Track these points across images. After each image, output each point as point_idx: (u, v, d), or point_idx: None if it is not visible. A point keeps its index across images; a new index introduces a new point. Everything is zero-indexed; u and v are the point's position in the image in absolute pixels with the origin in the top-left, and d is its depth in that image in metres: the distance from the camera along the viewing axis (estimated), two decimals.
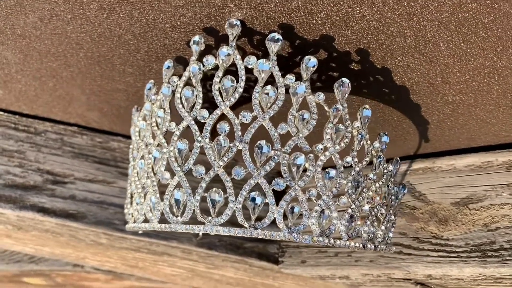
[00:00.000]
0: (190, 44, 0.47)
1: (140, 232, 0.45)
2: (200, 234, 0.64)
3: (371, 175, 0.44)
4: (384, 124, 0.59)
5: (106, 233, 0.65)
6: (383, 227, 0.45)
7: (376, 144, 0.45)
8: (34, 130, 0.69)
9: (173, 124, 0.45)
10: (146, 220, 0.45)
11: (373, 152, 0.45)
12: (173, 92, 0.46)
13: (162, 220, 0.43)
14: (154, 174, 0.45)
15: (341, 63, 0.49)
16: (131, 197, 0.49)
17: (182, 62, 0.52)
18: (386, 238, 0.45)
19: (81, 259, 0.78)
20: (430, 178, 0.60)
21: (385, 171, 0.46)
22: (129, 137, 0.71)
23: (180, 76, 0.46)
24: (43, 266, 0.90)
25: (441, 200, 0.58)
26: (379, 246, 0.44)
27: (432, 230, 0.56)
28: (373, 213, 0.44)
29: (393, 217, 0.47)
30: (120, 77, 0.59)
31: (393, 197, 0.47)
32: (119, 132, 0.71)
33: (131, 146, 0.53)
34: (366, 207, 0.43)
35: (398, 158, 0.48)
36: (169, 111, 0.46)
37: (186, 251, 0.66)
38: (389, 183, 0.46)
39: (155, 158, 0.45)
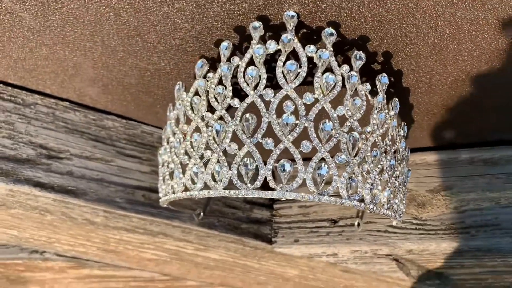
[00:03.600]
0: (250, 29, 0.50)
1: (196, 197, 0.47)
2: (201, 214, 0.67)
3: (398, 156, 0.53)
4: None
5: (107, 210, 0.63)
6: (404, 202, 0.53)
7: (401, 132, 0.54)
8: (22, 102, 0.65)
9: (236, 100, 0.48)
10: (206, 187, 0.47)
11: (398, 138, 0.54)
12: (235, 71, 0.49)
13: (226, 187, 0.46)
14: (218, 144, 0.47)
15: (366, 63, 0.57)
16: (181, 167, 0.50)
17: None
18: (402, 213, 0.54)
19: (50, 243, 0.74)
20: None
21: (404, 155, 0.55)
22: (124, 117, 0.71)
23: (241, 57, 0.50)
24: None
25: (418, 188, 0.68)
26: (400, 218, 0.52)
27: (412, 213, 0.67)
28: (399, 189, 0.52)
29: (406, 194, 0.55)
30: (146, 55, 0.59)
31: (407, 178, 0.56)
32: (114, 111, 0.70)
33: (170, 121, 0.54)
34: (396, 183, 0.51)
35: (408, 146, 0.57)
36: (230, 88, 0.49)
37: (186, 230, 0.67)
38: (405, 164, 0.55)
39: (217, 130, 0.47)
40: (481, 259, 0.67)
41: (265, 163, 0.46)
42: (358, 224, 0.65)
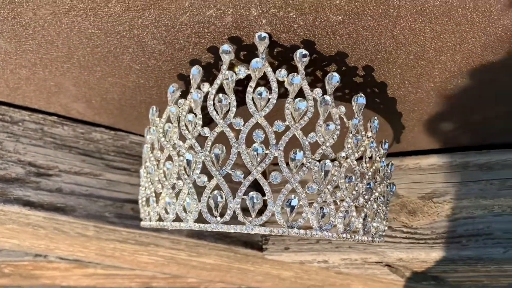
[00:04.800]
0: (220, 53, 0.49)
1: (169, 228, 0.47)
2: None
3: (377, 178, 0.51)
4: None
5: (96, 226, 0.65)
6: (384, 222, 0.52)
7: (381, 151, 0.52)
8: (10, 119, 0.66)
9: (207, 129, 0.47)
10: (177, 219, 0.47)
11: (378, 158, 0.52)
12: (205, 98, 0.48)
13: (197, 219, 0.46)
14: (188, 175, 0.47)
15: (347, 76, 0.55)
16: (156, 195, 0.50)
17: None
18: (384, 231, 0.53)
19: (51, 250, 0.76)
20: (399, 175, 0.69)
21: (386, 173, 0.53)
22: (112, 129, 0.71)
23: (210, 83, 0.49)
24: None
25: (409, 194, 0.67)
26: (380, 239, 0.52)
27: (403, 220, 0.66)
28: (378, 210, 0.51)
29: (387, 212, 0.54)
30: (124, 74, 0.59)
31: (390, 194, 0.54)
32: (102, 123, 0.70)
33: (147, 145, 0.54)
34: (375, 205, 0.50)
35: (392, 162, 0.56)
36: (200, 116, 0.48)
37: (175, 241, 0.68)
38: (387, 183, 0.54)
39: (188, 160, 0.47)
40: (475, 266, 0.66)
41: (234, 195, 0.45)
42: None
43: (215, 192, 0.46)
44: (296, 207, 0.45)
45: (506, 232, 0.61)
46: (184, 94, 0.52)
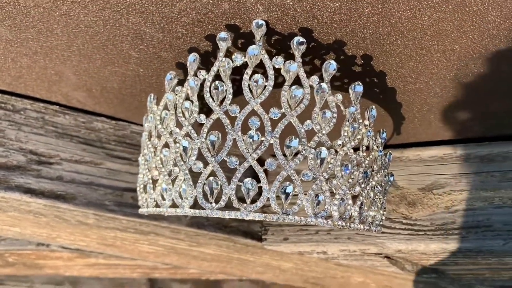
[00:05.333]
0: (217, 40, 0.49)
1: (165, 214, 0.48)
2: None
3: (375, 167, 0.51)
4: None
5: (96, 214, 0.65)
6: (381, 211, 0.52)
7: (379, 140, 0.52)
8: (12, 108, 0.67)
9: (203, 116, 0.47)
10: (174, 206, 0.47)
11: (375, 147, 0.52)
12: (201, 85, 0.48)
13: (193, 206, 0.46)
14: (184, 162, 0.47)
15: (346, 65, 0.55)
16: (153, 182, 0.51)
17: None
18: (381, 220, 0.53)
19: (52, 238, 0.77)
20: (399, 166, 0.69)
21: (383, 162, 0.53)
22: (113, 118, 0.71)
23: (207, 70, 0.49)
24: None
25: (409, 186, 0.67)
26: (377, 228, 0.51)
27: (402, 212, 0.65)
28: (375, 199, 0.51)
29: (385, 202, 0.54)
30: (123, 62, 0.59)
31: (388, 184, 0.54)
32: (102, 112, 0.71)
33: (145, 133, 0.54)
34: (371, 194, 0.50)
35: (390, 152, 0.55)
36: (197, 103, 0.48)
37: (175, 230, 0.69)
38: (385, 172, 0.54)
39: (184, 147, 0.47)
40: (475, 258, 0.66)
41: (229, 182, 0.45)
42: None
43: (211, 178, 0.46)
44: (291, 194, 0.45)
45: (506, 224, 0.61)
46: (182, 82, 0.52)
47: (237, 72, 0.53)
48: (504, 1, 0.45)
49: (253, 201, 0.45)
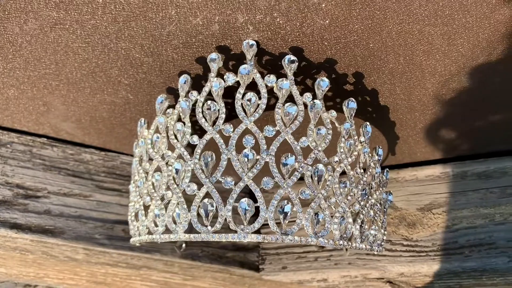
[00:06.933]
0: (207, 62, 0.49)
1: (159, 241, 0.46)
2: (183, 246, 0.65)
3: (373, 184, 0.50)
4: None
5: (86, 248, 0.62)
6: (382, 231, 0.50)
7: (375, 157, 0.51)
8: None
9: (195, 137, 0.46)
10: (167, 231, 0.45)
11: (372, 164, 0.51)
12: (193, 106, 0.47)
13: (188, 230, 0.44)
14: (177, 185, 0.46)
15: (337, 84, 0.55)
16: (145, 209, 0.49)
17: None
18: (383, 240, 0.51)
19: (40, 278, 0.73)
20: (396, 187, 0.67)
21: (381, 180, 0.52)
22: (102, 149, 0.70)
23: (199, 91, 0.48)
24: None
25: (408, 206, 0.65)
26: (379, 248, 0.50)
27: (402, 233, 0.64)
28: (375, 218, 0.49)
29: (385, 221, 0.53)
30: (112, 89, 0.58)
31: (387, 203, 0.53)
32: (92, 143, 0.69)
33: (135, 159, 0.53)
34: (371, 212, 0.49)
35: (387, 169, 0.54)
36: (189, 124, 0.47)
37: (168, 263, 0.66)
38: (383, 190, 0.52)
39: (177, 169, 0.46)
40: (479, 279, 0.64)
41: (225, 203, 0.44)
42: (346, 249, 0.63)
43: (205, 200, 0.44)
44: (289, 213, 0.43)
45: (510, 240, 0.59)
46: (173, 106, 0.51)
47: (229, 95, 0.52)
48: (491, 12, 0.45)
49: (250, 222, 0.43)
